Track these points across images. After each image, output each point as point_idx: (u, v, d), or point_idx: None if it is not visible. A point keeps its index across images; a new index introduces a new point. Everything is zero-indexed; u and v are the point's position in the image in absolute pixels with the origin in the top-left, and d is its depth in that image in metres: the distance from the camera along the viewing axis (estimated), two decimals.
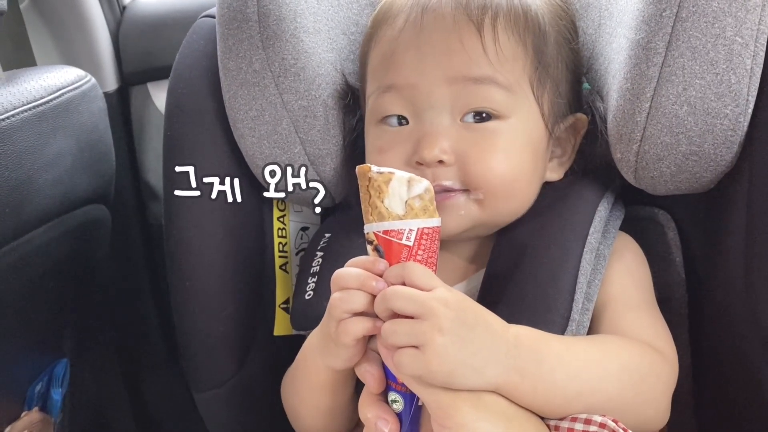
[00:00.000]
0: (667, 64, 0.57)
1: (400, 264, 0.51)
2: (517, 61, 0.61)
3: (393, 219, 0.51)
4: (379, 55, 0.64)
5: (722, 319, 0.65)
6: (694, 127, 0.58)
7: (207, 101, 0.73)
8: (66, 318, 0.89)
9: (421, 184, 0.52)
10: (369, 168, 0.52)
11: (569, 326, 0.58)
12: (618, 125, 0.62)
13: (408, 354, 0.49)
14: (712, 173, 0.61)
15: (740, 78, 0.57)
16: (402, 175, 0.52)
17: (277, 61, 0.67)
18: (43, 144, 0.74)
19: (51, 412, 0.86)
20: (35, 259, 0.77)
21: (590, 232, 0.62)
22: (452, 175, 0.60)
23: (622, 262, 0.64)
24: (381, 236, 0.52)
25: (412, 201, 0.52)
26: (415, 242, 0.52)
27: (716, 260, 0.66)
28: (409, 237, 0.51)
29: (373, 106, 0.65)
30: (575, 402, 0.52)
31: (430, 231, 0.52)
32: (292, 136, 0.69)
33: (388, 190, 0.51)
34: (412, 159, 0.61)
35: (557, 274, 0.60)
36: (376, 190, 0.52)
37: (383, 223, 0.52)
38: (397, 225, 0.51)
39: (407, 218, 0.51)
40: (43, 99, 0.75)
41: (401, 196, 0.52)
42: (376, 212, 0.52)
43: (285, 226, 0.79)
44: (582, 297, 0.59)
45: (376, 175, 0.52)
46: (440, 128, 0.60)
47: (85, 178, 0.82)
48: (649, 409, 0.57)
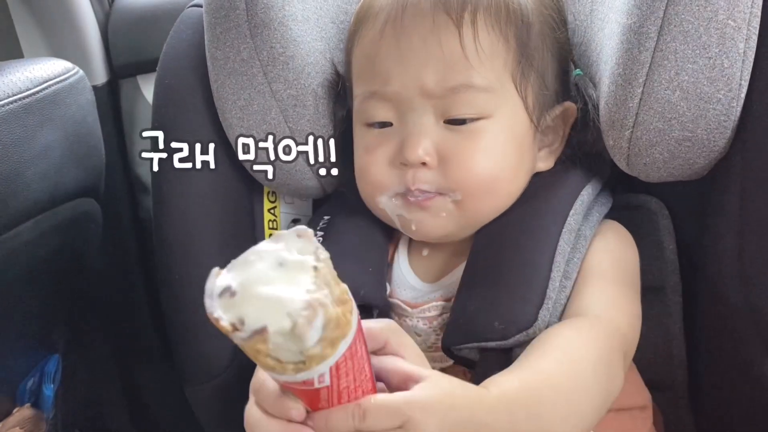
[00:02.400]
0: (659, 48, 0.57)
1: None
2: (498, 58, 0.61)
3: (292, 371, 0.38)
4: (362, 56, 0.64)
5: (716, 307, 0.65)
6: (686, 112, 0.58)
7: (195, 92, 0.72)
8: (57, 314, 0.89)
9: (314, 327, 0.37)
10: (227, 330, 0.37)
11: (545, 304, 0.58)
12: (610, 112, 0.61)
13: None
14: (705, 159, 0.61)
15: (733, 62, 0.56)
16: (282, 326, 0.36)
17: (265, 50, 0.66)
18: (30, 137, 0.73)
19: (43, 408, 0.86)
20: (24, 254, 0.76)
21: (570, 214, 0.62)
22: (431, 178, 0.61)
23: (604, 240, 0.64)
24: (284, 384, 0.41)
25: (311, 351, 0.37)
26: (333, 378, 0.39)
27: (710, 248, 0.65)
28: (322, 380, 0.39)
29: (359, 108, 0.65)
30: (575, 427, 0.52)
31: (348, 352, 0.39)
32: (281, 125, 0.68)
33: (268, 347, 0.37)
34: (396, 160, 0.62)
35: (534, 254, 0.60)
36: (253, 352, 0.38)
37: (282, 376, 0.39)
38: (301, 377, 0.38)
39: (312, 366, 0.38)
40: (29, 91, 0.74)
41: (291, 349, 0.37)
42: (263, 365, 0.38)
43: (276, 217, 0.78)
44: (559, 275, 0.59)
45: (242, 343, 0.37)
46: (423, 129, 0.61)
47: (74, 171, 0.81)
48: (616, 385, 0.56)
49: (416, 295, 0.65)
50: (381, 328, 0.47)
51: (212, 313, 0.38)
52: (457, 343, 0.59)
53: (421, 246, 0.68)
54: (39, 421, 0.85)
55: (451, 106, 0.60)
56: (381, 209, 0.65)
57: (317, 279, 0.39)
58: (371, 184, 0.64)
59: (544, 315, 0.58)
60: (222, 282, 0.39)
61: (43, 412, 0.86)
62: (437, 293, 0.65)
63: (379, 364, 0.45)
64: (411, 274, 0.67)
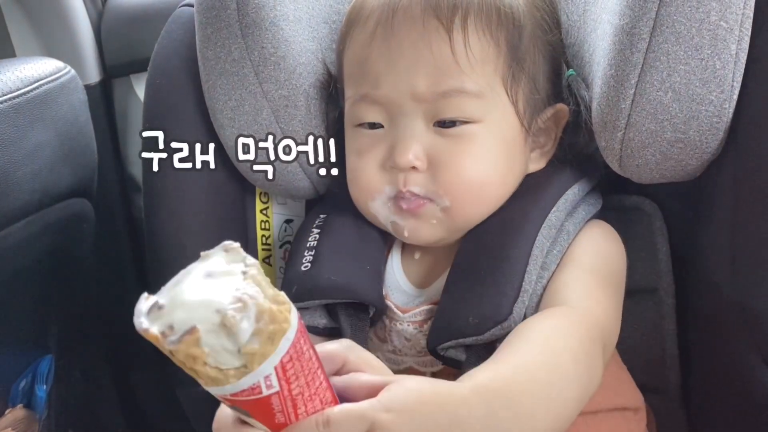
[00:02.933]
0: (651, 49, 0.57)
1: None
2: (489, 63, 0.60)
3: (235, 377, 0.36)
4: (353, 59, 0.64)
5: (708, 310, 0.65)
6: (678, 113, 0.58)
7: (186, 92, 0.72)
8: (50, 314, 0.88)
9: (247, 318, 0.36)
10: (156, 338, 0.36)
11: (520, 297, 0.57)
12: (602, 113, 0.61)
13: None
14: (697, 161, 0.60)
15: (725, 63, 0.56)
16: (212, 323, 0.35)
17: (256, 50, 0.66)
18: (20, 136, 0.72)
19: (36, 409, 0.85)
20: (15, 254, 0.76)
21: (552, 211, 0.62)
22: (421, 181, 0.61)
23: (588, 234, 0.64)
24: (234, 400, 0.38)
25: (249, 347, 0.36)
26: (281, 382, 0.37)
27: (702, 249, 0.65)
28: (270, 384, 0.37)
29: (349, 110, 0.65)
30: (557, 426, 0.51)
31: (293, 350, 0.37)
32: (272, 126, 0.68)
33: (203, 351, 0.35)
34: (386, 163, 0.62)
35: (511, 249, 0.60)
36: (184, 358, 0.36)
37: (224, 388, 0.37)
38: (246, 382, 0.36)
39: (254, 366, 0.36)
40: (20, 90, 0.73)
41: (227, 348, 0.36)
42: (204, 379, 0.37)
43: (268, 218, 0.78)
44: (536, 268, 0.59)
45: (175, 347, 0.35)
46: (413, 134, 0.60)
47: (66, 171, 0.81)
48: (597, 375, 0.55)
49: (406, 299, 0.65)
50: (336, 348, 0.46)
51: (140, 326, 0.36)
52: (439, 343, 0.59)
53: (413, 249, 0.68)
54: (32, 421, 0.84)
55: (441, 110, 0.60)
56: (373, 214, 0.65)
57: (247, 280, 0.38)
58: (363, 189, 0.64)
59: (519, 308, 0.57)
60: (150, 301, 0.38)
61: (36, 413, 0.85)
62: (425, 297, 0.64)
63: (342, 383, 0.44)
64: (403, 277, 0.67)
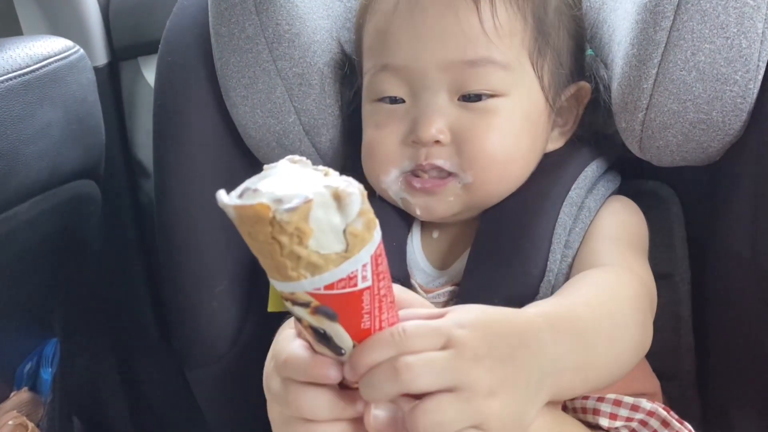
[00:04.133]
0: (675, 28, 0.56)
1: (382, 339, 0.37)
2: (516, 35, 0.59)
3: (334, 263, 0.35)
4: (374, 30, 0.63)
5: (726, 296, 0.64)
6: (702, 93, 0.57)
7: (198, 69, 0.71)
8: (55, 297, 0.88)
9: (355, 196, 0.35)
10: (268, 208, 0.33)
11: (546, 276, 0.57)
12: (623, 93, 0.60)
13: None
14: (719, 143, 0.59)
15: (751, 42, 0.55)
16: (323, 195, 0.34)
17: (270, 27, 0.65)
18: (29, 114, 0.71)
19: (41, 392, 0.85)
20: (22, 234, 0.75)
21: (572, 188, 0.61)
22: (445, 155, 0.59)
23: (609, 209, 0.64)
24: (325, 295, 0.35)
25: (353, 227, 0.35)
26: (373, 276, 0.36)
27: (722, 233, 0.64)
28: (365, 276, 0.35)
29: (369, 83, 0.64)
30: (616, 369, 0.49)
31: (381, 248, 0.37)
32: (286, 104, 0.67)
33: (310, 227, 0.34)
34: (408, 138, 0.60)
35: (534, 229, 0.59)
36: (290, 235, 0.33)
37: (321, 277, 0.35)
38: (345, 269, 0.35)
39: (355, 251, 0.35)
40: (29, 68, 0.72)
41: (334, 226, 0.34)
42: (303, 264, 0.34)
43: None
44: (560, 247, 0.59)
45: (285, 216, 0.33)
46: (437, 108, 0.59)
47: (74, 151, 0.80)
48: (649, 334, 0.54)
49: (428, 280, 0.64)
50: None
51: (239, 203, 0.33)
52: None
53: (431, 228, 0.67)
54: (36, 405, 0.84)
55: (468, 81, 0.59)
56: (383, 189, 0.63)
57: (329, 176, 0.36)
58: (379, 161, 0.62)
59: (545, 288, 0.57)
60: (238, 189, 0.35)
61: (41, 396, 0.85)
62: (447, 278, 0.64)
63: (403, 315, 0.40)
64: (423, 258, 0.66)
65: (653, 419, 0.47)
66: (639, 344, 0.51)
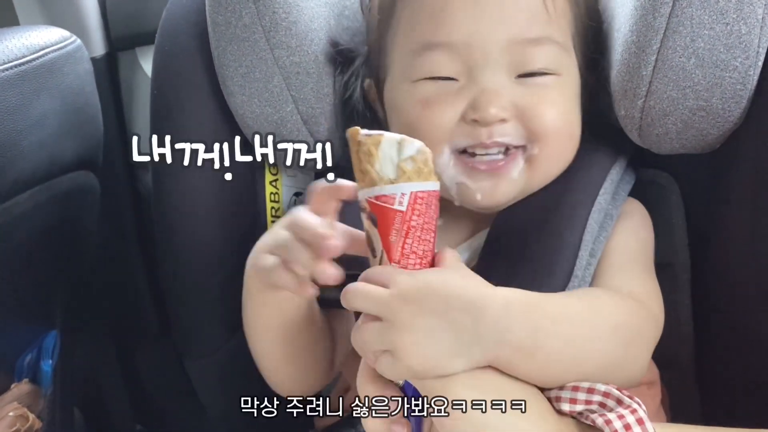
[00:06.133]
0: (674, 14, 0.55)
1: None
2: (566, 16, 0.61)
3: (384, 183, 0.49)
4: (421, 8, 0.61)
5: (726, 284, 0.64)
6: (702, 80, 0.56)
7: (195, 59, 0.70)
8: (55, 288, 0.88)
9: (413, 145, 0.49)
10: (357, 131, 0.49)
11: (571, 282, 0.57)
12: (623, 80, 0.60)
13: (386, 361, 0.47)
14: (719, 130, 0.59)
15: (751, 28, 0.55)
16: (392, 137, 0.49)
17: (267, 15, 0.64)
18: (26, 105, 0.71)
19: (41, 384, 0.85)
20: (20, 225, 0.75)
21: (600, 193, 0.61)
22: (510, 130, 0.59)
23: (630, 222, 0.64)
24: (373, 203, 0.49)
25: (403, 164, 0.49)
26: (408, 207, 0.49)
27: (722, 222, 0.64)
28: (401, 202, 0.49)
29: (411, 63, 0.61)
30: (573, 368, 0.50)
31: (425, 195, 0.50)
32: (284, 93, 0.67)
33: (378, 154, 0.49)
34: (467, 116, 0.59)
35: (563, 231, 0.58)
36: (365, 154, 0.49)
37: (374, 189, 0.49)
38: (389, 189, 0.49)
39: (399, 182, 0.49)
40: (25, 58, 0.72)
41: (392, 158, 0.49)
42: (368, 177, 0.49)
43: (278, 190, 0.77)
44: (586, 254, 0.58)
45: (365, 138, 0.49)
46: (497, 86, 0.59)
47: (72, 142, 0.79)
48: (633, 365, 0.55)
49: None
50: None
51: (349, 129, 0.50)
52: None
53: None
54: (37, 396, 0.84)
55: (528, 58, 0.59)
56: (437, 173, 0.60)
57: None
58: (431, 138, 0.57)
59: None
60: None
61: (41, 388, 0.85)
62: None
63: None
64: None
65: (609, 399, 0.48)
66: (608, 368, 0.52)
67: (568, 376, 0.50)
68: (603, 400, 0.48)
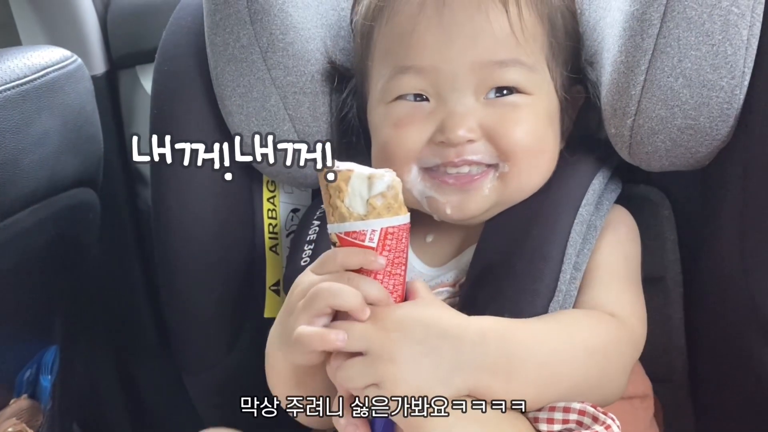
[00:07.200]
0: (662, 35, 0.56)
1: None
2: (537, 39, 0.61)
3: (354, 219, 0.49)
4: (393, 33, 0.62)
5: (717, 299, 0.65)
6: (689, 99, 0.57)
7: (194, 79, 0.71)
8: (55, 304, 0.88)
9: (382, 181, 0.49)
10: (324, 171, 0.50)
11: (556, 296, 0.57)
12: (612, 99, 0.61)
13: (372, 394, 0.48)
14: (707, 148, 0.60)
15: (736, 49, 0.56)
16: (362, 172, 0.49)
17: (265, 36, 0.66)
18: (27, 124, 0.72)
19: (40, 399, 0.85)
20: (21, 243, 0.76)
21: (582, 205, 0.61)
22: (481, 148, 0.60)
23: (616, 234, 0.64)
24: (343, 238, 0.50)
25: (373, 200, 0.49)
26: (378, 243, 0.49)
27: (711, 239, 0.65)
28: (372, 239, 0.49)
29: (385, 87, 0.63)
30: (548, 390, 0.52)
31: (395, 230, 0.50)
32: (281, 113, 0.68)
33: (347, 189, 0.49)
34: (435, 138, 0.60)
35: (545, 246, 0.59)
36: (335, 189, 0.49)
37: (344, 224, 0.49)
38: (359, 226, 0.49)
39: (369, 218, 0.49)
40: (27, 78, 0.73)
41: (362, 194, 0.49)
42: (338, 213, 0.50)
43: (275, 207, 0.78)
44: (570, 268, 0.59)
45: (333, 176, 0.50)
46: (465, 108, 0.59)
47: (72, 160, 0.80)
48: (610, 385, 0.57)
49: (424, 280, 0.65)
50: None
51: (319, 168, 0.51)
52: None
53: (425, 232, 0.67)
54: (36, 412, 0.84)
55: (497, 79, 0.60)
56: (406, 190, 0.61)
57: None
58: (401, 160, 0.61)
59: (554, 308, 0.57)
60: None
61: (40, 403, 0.85)
62: (444, 277, 0.64)
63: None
64: (416, 260, 0.66)
65: (585, 417, 0.50)
66: (583, 390, 0.53)
67: (545, 399, 0.52)
68: (579, 419, 0.50)
